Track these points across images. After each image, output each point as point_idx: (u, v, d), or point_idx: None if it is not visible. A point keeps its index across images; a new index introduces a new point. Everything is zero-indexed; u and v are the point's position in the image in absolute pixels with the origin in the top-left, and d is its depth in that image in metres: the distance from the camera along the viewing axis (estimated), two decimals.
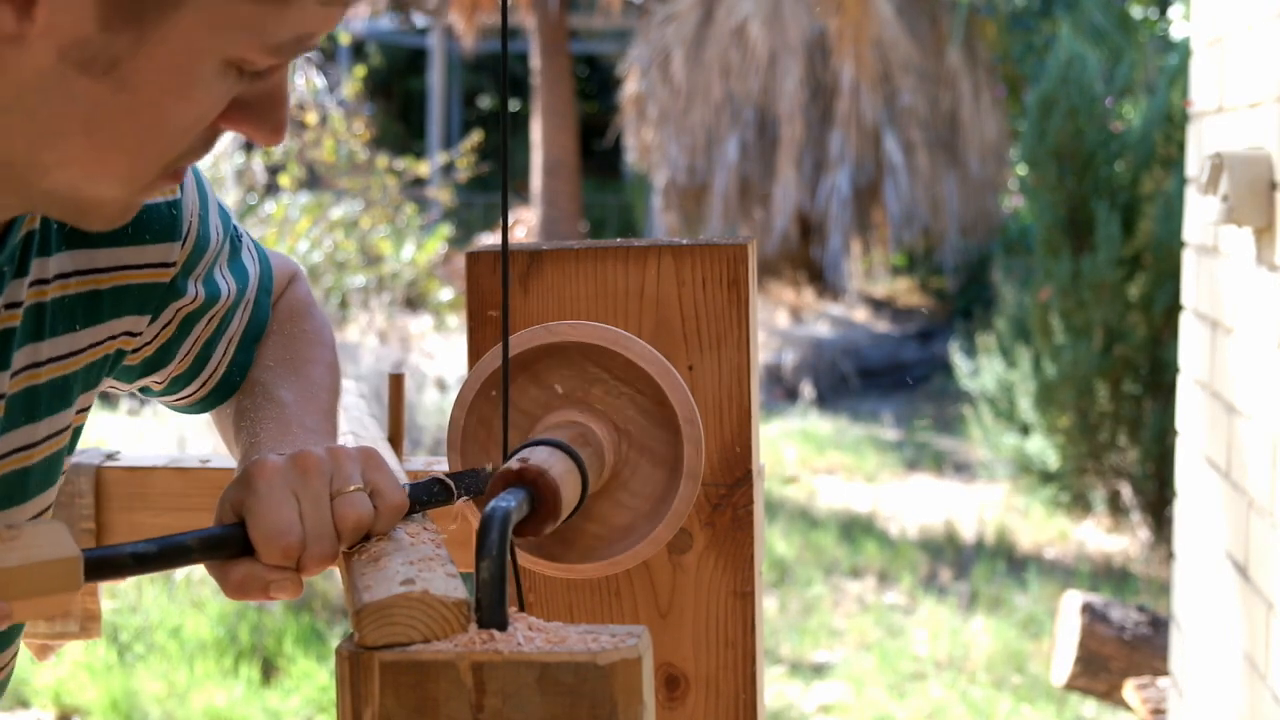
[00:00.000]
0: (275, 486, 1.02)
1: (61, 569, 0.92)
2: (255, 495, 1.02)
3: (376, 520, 1.03)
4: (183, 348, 1.26)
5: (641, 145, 13.19)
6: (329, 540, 1.02)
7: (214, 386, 1.31)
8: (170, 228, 1.18)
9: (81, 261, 1.14)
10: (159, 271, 1.18)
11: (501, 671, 0.84)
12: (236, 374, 1.31)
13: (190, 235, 1.20)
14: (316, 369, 1.28)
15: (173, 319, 1.23)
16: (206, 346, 1.28)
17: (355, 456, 1.05)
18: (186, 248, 1.20)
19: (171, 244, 1.18)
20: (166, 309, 1.22)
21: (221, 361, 1.30)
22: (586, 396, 1.13)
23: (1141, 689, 3.73)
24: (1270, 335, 2.49)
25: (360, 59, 18.34)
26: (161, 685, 4.54)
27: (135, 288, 1.17)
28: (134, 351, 1.23)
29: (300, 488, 1.03)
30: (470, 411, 1.13)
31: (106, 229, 1.07)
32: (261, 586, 1.02)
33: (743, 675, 1.22)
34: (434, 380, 7.02)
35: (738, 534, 1.21)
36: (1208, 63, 3.10)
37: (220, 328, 1.28)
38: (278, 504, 1.02)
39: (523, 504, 0.98)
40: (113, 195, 1.00)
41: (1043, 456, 6.95)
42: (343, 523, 1.02)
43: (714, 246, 1.20)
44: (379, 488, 1.04)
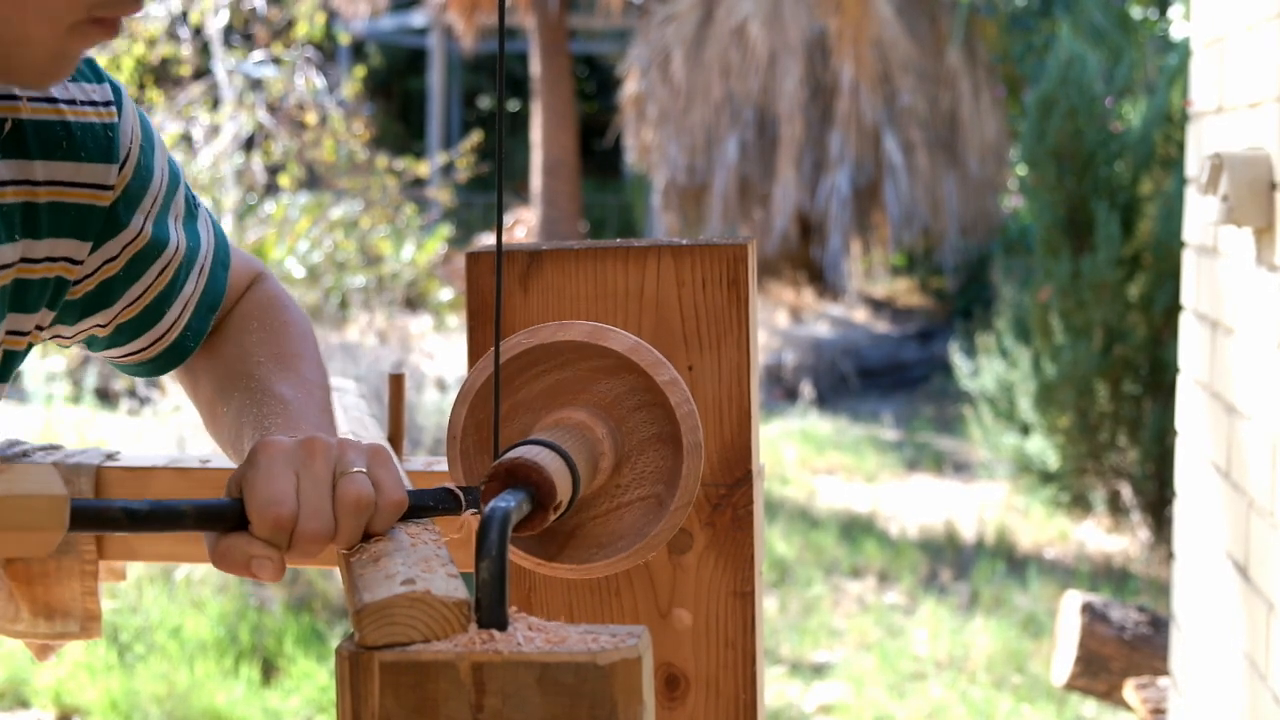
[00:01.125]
0: (277, 461, 1.03)
1: (47, 505, 0.92)
2: (255, 468, 1.02)
3: (375, 514, 1.03)
4: (130, 291, 1.24)
5: (641, 145, 13.19)
6: (324, 518, 1.01)
7: (167, 347, 1.30)
8: (107, 149, 1.18)
9: (15, 171, 1.14)
10: (96, 193, 1.18)
11: (501, 671, 0.84)
12: (191, 339, 1.30)
13: (129, 162, 1.21)
14: (306, 365, 1.28)
15: (118, 255, 1.22)
16: (159, 300, 1.27)
17: (362, 449, 1.06)
18: (125, 174, 1.20)
19: (108, 165, 1.18)
20: (110, 241, 1.21)
21: (176, 323, 1.29)
22: (586, 396, 1.13)
23: (1141, 689, 3.73)
24: (1270, 335, 2.49)
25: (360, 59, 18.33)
26: (161, 685, 4.54)
27: (72, 207, 1.17)
28: (76, 284, 1.21)
29: (303, 466, 1.03)
30: (470, 412, 1.13)
31: (40, 82, 1.06)
32: (243, 560, 1.01)
33: (743, 675, 1.22)
34: (434, 380, 7.02)
35: (738, 534, 1.21)
36: (1208, 63, 3.10)
37: (174, 283, 1.27)
38: (276, 476, 1.02)
39: (522, 504, 0.98)
40: (39, 35, 1.00)
41: (1043, 456, 6.95)
42: (341, 501, 1.01)
43: (714, 246, 1.20)
44: (381, 482, 1.03)
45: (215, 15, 6.91)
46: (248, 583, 5.27)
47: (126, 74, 6.89)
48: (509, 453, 1.03)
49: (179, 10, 6.91)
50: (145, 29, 6.80)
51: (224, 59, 6.98)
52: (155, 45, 6.87)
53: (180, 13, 6.95)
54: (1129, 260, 6.52)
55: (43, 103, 1.16)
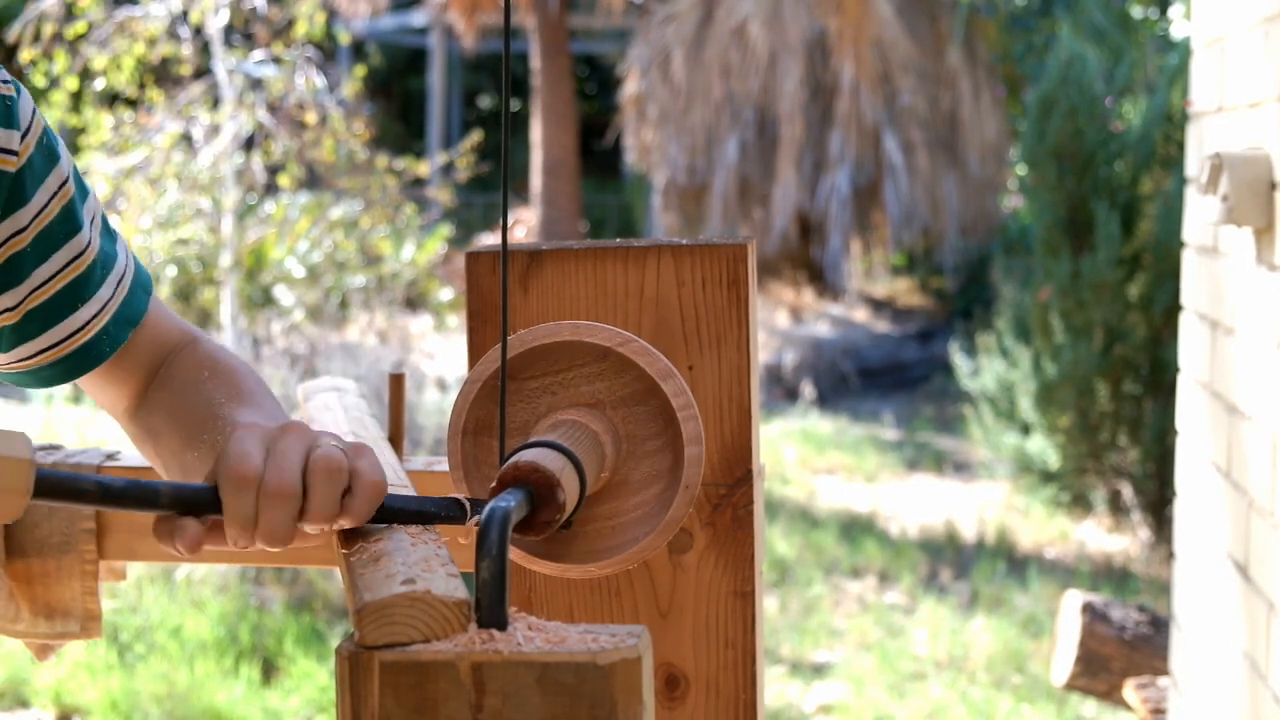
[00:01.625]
0: (252, 435, 1.03)
1: (12, 468, 0.91)
2: (230, 443, 1.03)
3: (352, 495, 1.02)
4: (39, 271, 1.23)
5: (641, 145, 13.19)
6: (290, 474, 1.00)
7: (79, 347, 1.27)
8: (6, 116, 1.19)
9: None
10: (3, 157, 1.19)
11: (501, 671, 0.84)
12: (107, 346, 1.28)
13: (32, 135, 1.21)
14: (268, 401, 1.26)
15: (27, 227, 1.21)
16: (72, 291, 1.25)
17: (342, 440, 1.06)
18: (28, 144, 1.21)
19: (10, 131, 1.19)
20: (19, 211, 1.21)
21: (91, 323, 1.27)
22: (586, 396, 1.13)
23: (1141, 689, 3.73)
24: (1270, 335, 2.48)
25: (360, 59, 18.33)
26: (161, 685, 4.54)
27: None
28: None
29: (275, 443, 1.03)
30: (470, 412, 1.13)
31: None
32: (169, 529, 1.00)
33: (743, 675, 1.22)
34: (434, 380, 7.02)
35: (738, 534, 1.21)
36: (1208, 63, 3.10)
37: (88, 278, 1.26)
38: (247, 443, 1.02)
39: (522, 504, 0.98)
40: None
41: (1043, 456, 6.95)
42: (313, 469, 1.01)
43: (714, 246, 1.20)
44: (359, 465, 1.03)
45: (215, 15, 6.91)
46: (248, 583, 5.26)
47: (126, 74, 6.89)
48: (517, 455, 1.03)
49: (179, 10, 6.91)
50: (145, 29, 6.80)
51: (224, 59, 6.98)
52: (155, 45, 6.87)
53: (180, 12, 6.95)
54: (1129, 260, 6.51)
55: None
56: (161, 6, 6.90)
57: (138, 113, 7.22)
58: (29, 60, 6.75)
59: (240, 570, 5.21)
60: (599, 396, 1.12)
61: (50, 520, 1.61)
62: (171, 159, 6.92)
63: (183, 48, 6.94)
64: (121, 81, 6.91)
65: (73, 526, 1.62)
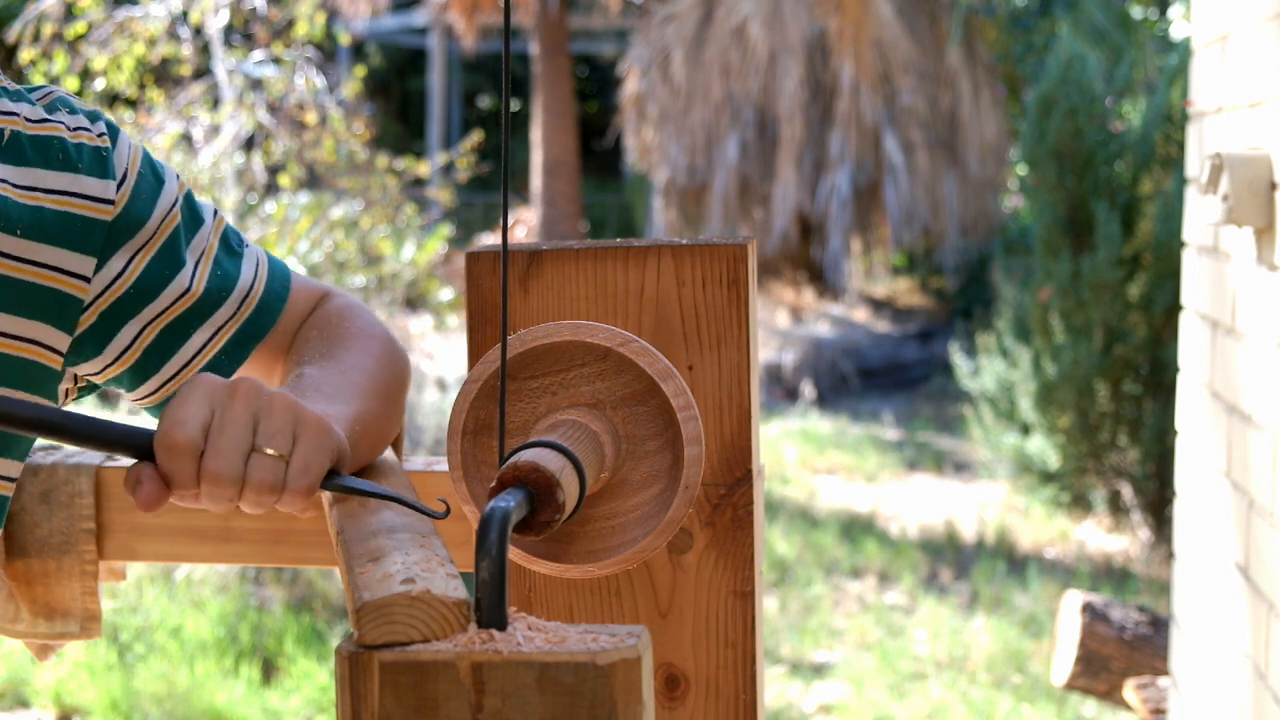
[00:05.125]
0: (196, 392, 1.03)
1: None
2: (176, 396, 1.03)
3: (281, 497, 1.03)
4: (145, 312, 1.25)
5: (641, 145, 13.19)
6: (230, 463, 1.01)
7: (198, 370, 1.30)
8: (101, 166, 1.23)
9: (13, 175, 1.19)
10: (98, 206, 1.22)
11: (501, 671, 0.84)
12: (226, 366, 1.31)
13: (129, 182, 1.25)
14: (350, 353, 1.28)
15: (125, 270, 1.24)
16: (180, 325, 1.28)
17: (291, 418, 1.04)
18: (125, 192, 1.24)
19: (105, 181, 1.23)
20: (115, 256, 1.23)
21: (206, 350, 1.30)
22: (586, 396, 1.12)
23: (1142, 689, 3.72)
24: (1271, 335, 2.48)
25: (360, 59, 18.33)
26: (161, 685, 4.53)
27: (78, 219, 1.21)
28: (88, 306, 1.23)
29: (221, 405, 1.02)
30: (470, 412, 1.13)
31: None
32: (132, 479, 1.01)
33: (743, 675, 1.22)
34: (434, 380, 7.02)
35: (738, 534, 1.21)
36: (1208, 63, 3.10)
37: (195, 312, 1.28)
38: (188, 403, 1.02)
39: (522, 504, 0.98)
40: None
41: (1043, 456, 6.95)
42: (249, 479, 1.02)
43: (714, 246, 1.20)
44: (293, 469, 1.03)
45: (215, 15, 6.90)
46: (248, 583, 5.26)
47: (126, 74, 6.89)
48: (516, 455, 1.03)
49: (179, 10, 6.91)
50: (145, 29, 6.80)
51: (224, 59, 6.98)
52: (155, 45, 6.86)
53: (180, 13, 6.95)
54: (1129, 260, 6.51)
55: (40, 122, 1.22)
56: (161, 6, 6.90)
57: (138, 113, 7.22)
58: (29, 60, 6.75)
59: (240, 570, 5.21)
60: (599, 396, 1.12)
61: (50, 520, 1.61)
62: (171, 159, 6.91)
63: (183, 48, 6.94)
64: (121, 82, 6.91)
65: (73, 526, 1.62)
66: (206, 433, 1.01)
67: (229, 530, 1.60)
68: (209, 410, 1.02)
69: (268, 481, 1.02)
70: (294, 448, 1.04)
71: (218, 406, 1.02)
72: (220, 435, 1.01)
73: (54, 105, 1.26)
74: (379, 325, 1.37)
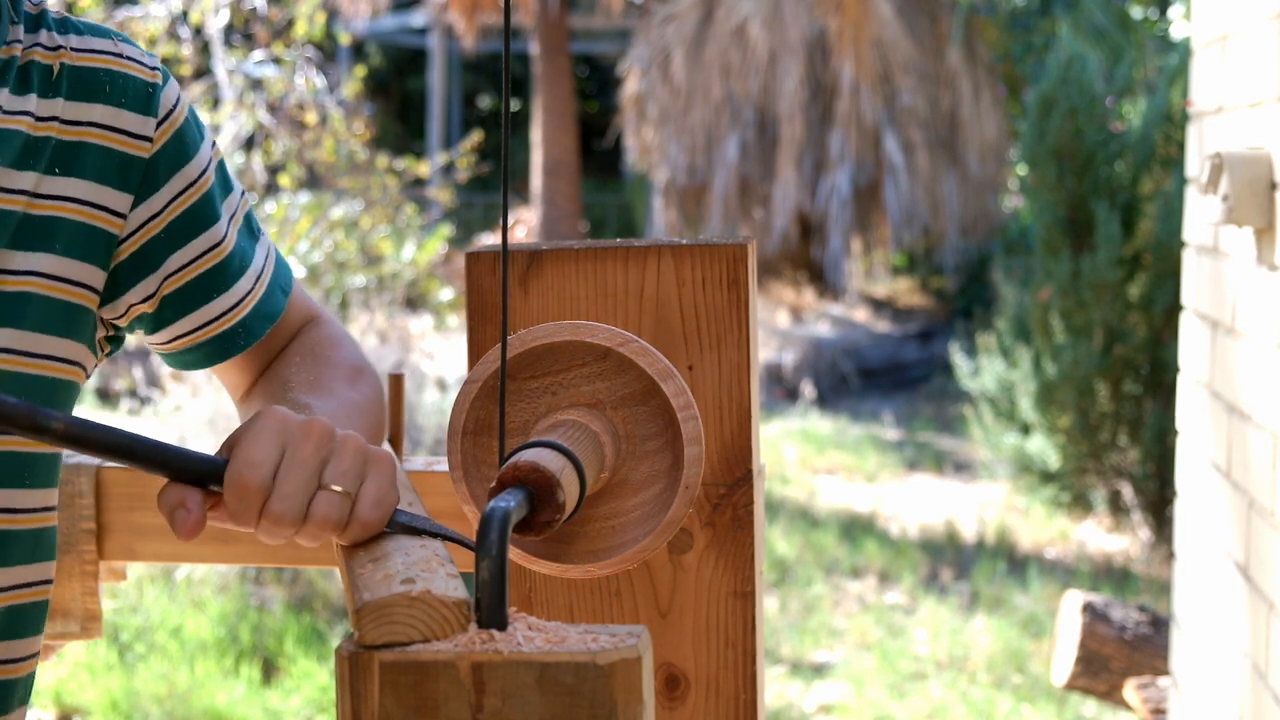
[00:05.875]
0: (269, 429, 1.02)
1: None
2: (248, 429, 1.02)
3: (347, 527, 1.02)
4: (174, 258, 1.26)
5: (641, 145, 13.19)
6: (293, 506, 1.00)
7: (216, 335, 1.31)
8: (145, 101, 1.24)
9: (55, 109, 1.20)
10: (136, 143, 1.23)
11: (501, 671, 0.84)
12: (243, 337, 1.32)
13: (170, 123, 1.25)
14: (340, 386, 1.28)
15: (161, 211, 1.25)
16: (208, 281, 1.29)
17: (360, 458, 1.04)
18: (165, 131, 1.25)
19: (146, 118, 1.23)
20: (153, 196, 1.24)
21: (228, 315, 1.30)
22: (586, 396, 1.12)
23: (1142, 689, 3.72)
24: (1271, 335, 2.48)
25: (360, 59, 18.33)
26: (162, 685, 4.53)
27: (116, 154, 1.22)
28: (122, 243, 1.24)
29: (293, 444, 1.02)
30: (470, 412, 1.13)
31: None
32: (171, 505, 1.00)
33: (743, 675, 1.22)
34: (434, 380, 7.02)
35: (738, 534, 1.21)
36: (1208, 63, 3.10)
37: (224, 270, 1.29)
38: (262, 442, 1.01)
39: (522, 504, 0.98)
40: None
41: (1043, 456, 6.95)
42: (312, 515, 1.00)
43: (714, 246, 1.20)
44: (363, 498, 1.02)
45: (215, 15, 6.91)
46: (248, 583, 5.27)
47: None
48: (516, 455, 1.03)
49: (179, 10, 6.91)
50: (145, 29, 6.80)
51: (224, 59, 6.98)
52: (155, 45, 6.87)
53: (180, 12, 6.95)
54: (1129, 260, 6.51)
55: (88, 52, 1.23)
56: (161, 6, 6.90)
57: None
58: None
59: (240, 570, 5.21)
60: (599, 396, 1.12)
61: None
62: None
63: (183, 48, 6.94)
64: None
65: (73, 527, 1.62)
66: (276, 472, 1.01)
67: (229, 531, 1.60)
68: (280, 450, 1.01)
69: (332, 518, 1.01)
70: (365, 482, 1.03)
71: (289, 446, 1.01)
72: (287, 479, 1.00)
73: (107, 33, 1.26)
74: (366, 360, 1.37)
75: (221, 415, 5.78)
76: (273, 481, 1.00)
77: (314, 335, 1.38)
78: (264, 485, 1.00)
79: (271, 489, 1.00)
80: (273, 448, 1.01)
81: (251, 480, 1.00)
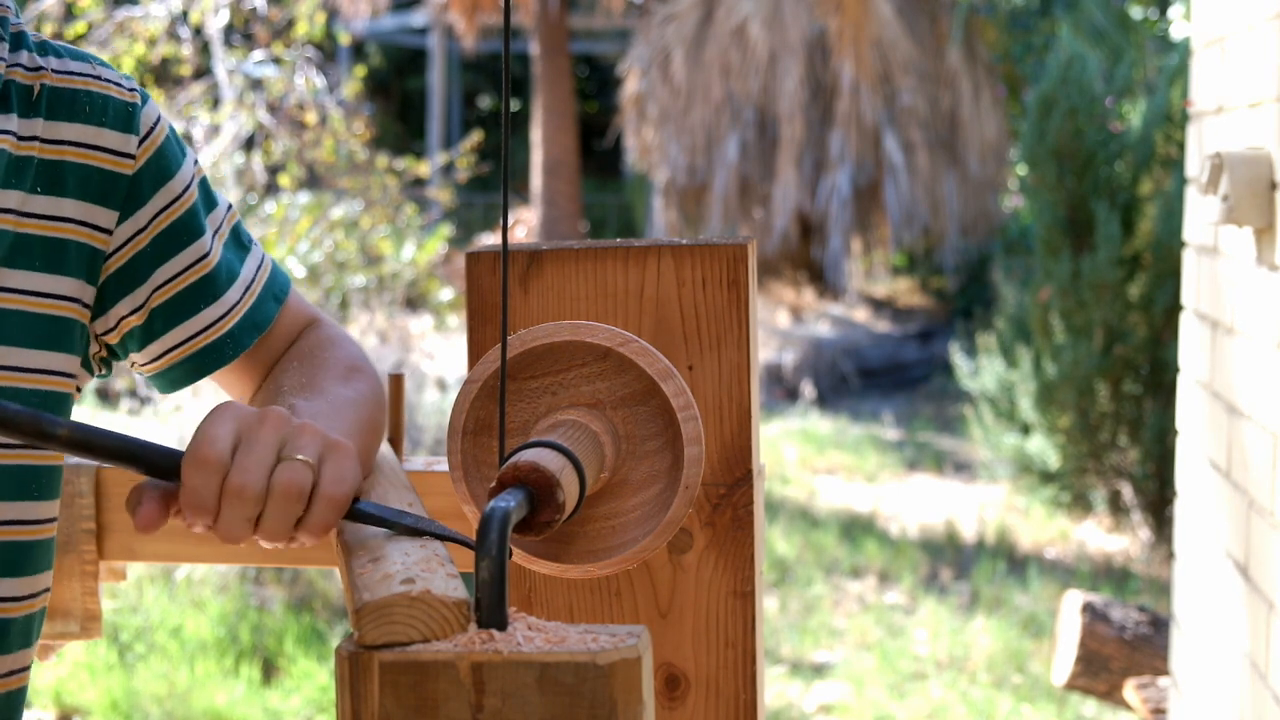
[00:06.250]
0: (225, 416, 1.02)
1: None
2: (205, 420, 1.02)
3: (310, 506, 1.01)
4: (160, 271, 1.28)
5: (641, 145, 13.19)
6: (253, 479, 0.99)
7: (202, 348, 1.31)
8: (126, 120, 1.26)
9: (38, 129, 1.22)
10: (119, 160, 1.25)
11: (501, 671, 0.84)
12: (230, 348, 1.32)
13: (152, 140, 1.27)
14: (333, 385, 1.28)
15: (146, 226, 1.26)
16: (194, 293, 1.29)
17: (319, 439, 1.03)
18: (147, 149, 1.27)
19: (128, 135, 1.25)
20: (139, 212, 1.26)
21: (217, 326, 1.31)
22: (586, 396, 1.12)
23: (1142, 689, 3.72)
24: (1270, 335, 2.48)
25: (360, 59, 18.33)
26: (161, 685, 4.53)
27: (95, 171, 1.24)
28: (109, 258, 1.26)
29: (248, 429, 1.01)
30: (470, 412, 1.13)
31: None
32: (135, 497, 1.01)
33: (743, 675, 1.22)
34: (434, 380, 7.02)
35: (738, 534, 1.21)
36: (1208, 63, 3.10)
37: (210, 283, 1.30)
38: (218, 424, 1.01)
39: (522, 504, 0.98)
40: None
41: (1043, 456, 6.95)
42: (274, 485, 0.99)
43: (714, 246, 1.20)
44: (325, 475, 1.01)
45: (215, 15, 6.91)
46: (248, 583, 5.26)
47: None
48: (516, 455, 1.03)
49: (179, 10, 6.91)
50: (145, 29, 6.80)
51: (224, 59, 6.98)
52: (155, 45, 6.87)
53: (180, 12, 6.95)
54: (1129, 260, 6.51)
55: (67, 74, 1.25)
56: (161, 6, 6.90)
57: None
58: None
59: (240, 570, 5.21)
60: (599, 396, 1.12)
61: None
62: None
63: (183, 48, 6.94)
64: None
65: (73, 527, 1.62)
66: (234, 454, 1.01)
67: None
68: (238, 432, 1.01)
69: (294, 484, 0.99)
70: (324, 462, 1.02)
71: (245, 429, 1.01)
72: (247, 454, 1.00)
73: (85, 57, 1.28)
74: (365, 358, 1.37)
75: None
76: (231, 460, 1.00)
77: (311, 338, 1.38)
78: (222, 458, 0.99)
79: (230, 466, 0.99)
80: (230, 426, 1.01)
81: (210, 452, 0.99)
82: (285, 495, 0.99)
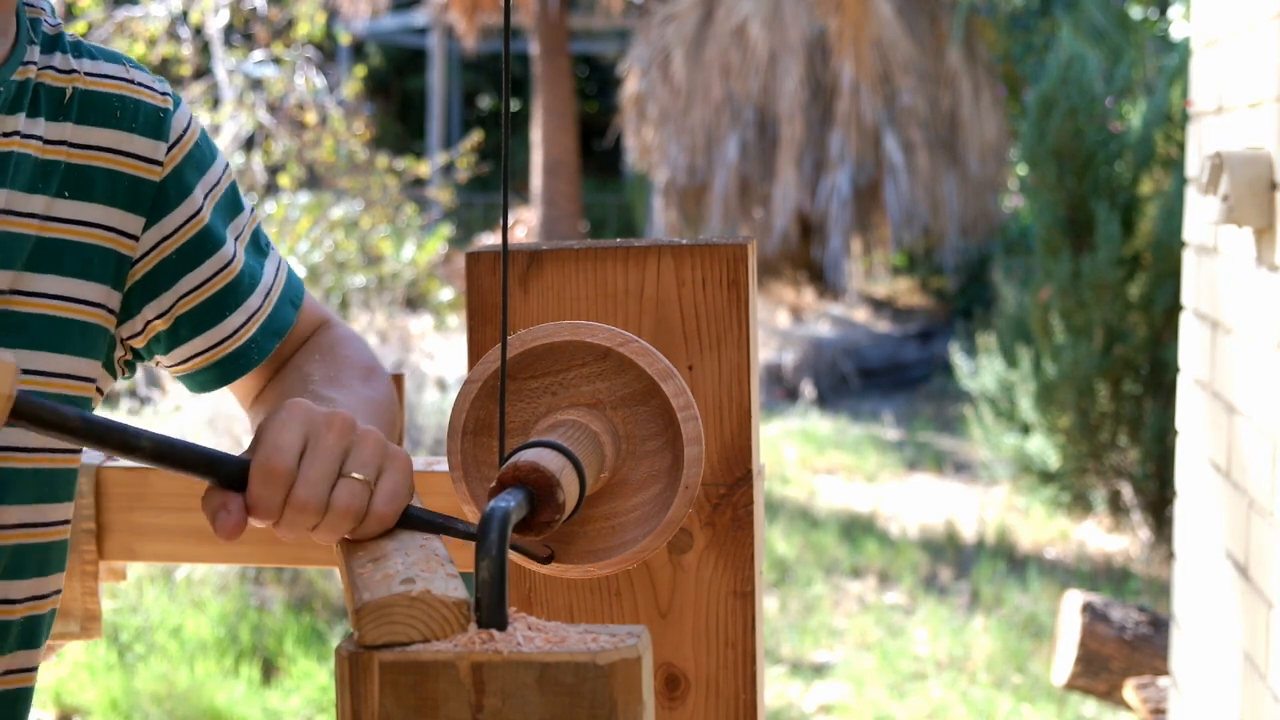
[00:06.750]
0: (294, 419, 1.04)
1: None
2: (272, 420, 1.04)
3: (362, 521, 1.03)
4: (186, 280, 1.28)
5: (641, 145, 13.19)
6: (317, 494, 1.01)
7: (228, 354, 1.33)
8: (156, 126, 1.26)
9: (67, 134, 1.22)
10: (147, 166, 1.25)
11: (501, 671, 0.84)
12: (255, 354, 1.34)
13: (181, 147, 1.28)
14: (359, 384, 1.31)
15: (174, 234, 1.27)
16: (220, 301, 1.30)
17: (379, 453, 1.05)
18: (176, 155, 1.27)
19: (157, 142, 1.26)
20: (165, 218, 1.26)
21: (240, 333, 1.32)
22: (586, 396, 1.12)
23: (1142, 689, 3.72)
24: (1270, 335, 2.48)
25: (360, 59, 18.33)
26: (161, 685, 4.53)
27: (125, 177, 1.24)
28: (135, 264, 1.26)
29: (315, 435, 1.03)
30: (470, 412, 1.13)
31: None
32: (213, 507, 1.02)
33: (743, 675, 1.22)
34: (434, 380, 7.02)
35: (738, 534, 1.21)
36: (1207, 63, 3.10)
37: (235, 289, 1.31)
38: (287, 430, 1.03)
39: (522, 504, 0.98)
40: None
41: (1043, 456, 6.95)
42: (334, 504, 1.02)
43: (714, 246, 1.20)
44: (380, 492, 1.03)
45: (215, 15, 6.91)
46: (248, 583, 5.26)
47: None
48: (516, 455, 1.03)
49: (179, 10, 6.91)
50: (145, 29, 6.80)
51: (224, 59, 6.98)
52: (155, 45, 6.86)
53: (180, 12, 6.95)
54: (1129, 260, 6.51)
55: (100, 77, 1.25)
56: (161, 6, 6.90)
57: None
58: None
59: (240, 570, 5.21)
60: (599, 396, 1.12)
61: None
62: None
63: (183, 48, 6.94)
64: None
65: (73, 527, 1.62)
66: (301, 459, 1.02)
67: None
68: (304, 438, 1.03)
69: (353, 507, 1.02)
70: (382, 476, 1.04)
71: (313, 435, 1.03)
72: (311, 465, 1.02)
73: (119, 59, 1.28)
74: (378, 361, 1.40)
75: (221, 415, 5.78)
76: (298, 468, 1.02)
77: (329, 336, 1.40)
78: (290, 470, 1.01)
79: (297, 475, 1.01)
80: (298, 435, 1.03)
81: (279, 464, 1.01)
82: (342, 515, 1.02)
